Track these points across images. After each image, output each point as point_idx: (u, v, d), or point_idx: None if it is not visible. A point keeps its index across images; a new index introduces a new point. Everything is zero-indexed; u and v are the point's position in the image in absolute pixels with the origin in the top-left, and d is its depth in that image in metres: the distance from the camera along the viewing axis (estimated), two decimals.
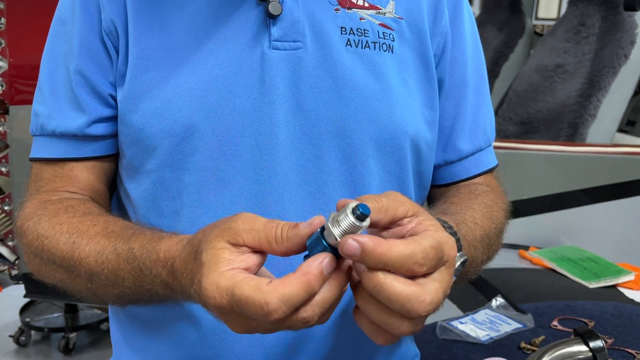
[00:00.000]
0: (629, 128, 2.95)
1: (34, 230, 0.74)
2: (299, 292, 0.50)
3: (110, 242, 0.68)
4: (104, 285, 0.68)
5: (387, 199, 0.55)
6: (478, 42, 0.88)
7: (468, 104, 0.84)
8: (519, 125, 2.44)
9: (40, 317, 2.64)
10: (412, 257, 0.51)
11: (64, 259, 0.70)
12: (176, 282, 0.60)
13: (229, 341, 0.75)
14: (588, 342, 0.95)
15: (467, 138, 0.84)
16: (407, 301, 0.50)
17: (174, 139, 0.72)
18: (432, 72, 0.79)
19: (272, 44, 0.73)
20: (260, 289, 0.50)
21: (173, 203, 0.75)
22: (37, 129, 0.80)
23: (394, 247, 0.50)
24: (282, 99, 0.73)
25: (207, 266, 0.54)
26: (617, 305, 1.31)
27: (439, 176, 0.86)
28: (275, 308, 0.49)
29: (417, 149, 0.78)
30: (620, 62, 2.17)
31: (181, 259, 0.59)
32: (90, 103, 0.76)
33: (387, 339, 0.54)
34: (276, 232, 0.53)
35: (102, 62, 0.76)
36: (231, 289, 0.51)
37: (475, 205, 0.78)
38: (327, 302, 0.52)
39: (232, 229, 0.54)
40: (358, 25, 0.75)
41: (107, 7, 0.74)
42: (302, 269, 0.51)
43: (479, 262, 0.75)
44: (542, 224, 1.94)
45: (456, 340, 1.13)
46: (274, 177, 0.73)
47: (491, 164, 0.88)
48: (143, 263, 0.63)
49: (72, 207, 0.74)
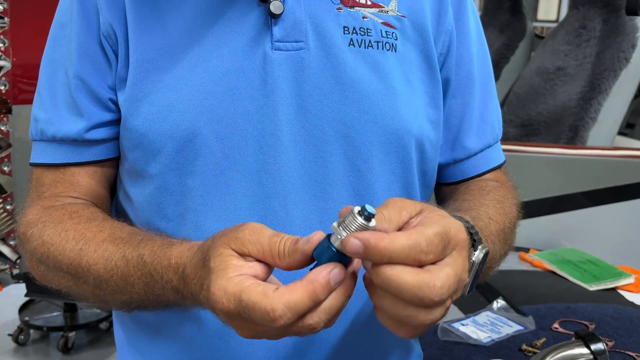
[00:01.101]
0: (629, 131, 2.96)
1: (39, 237, 0.73)
2: (304, 300, 0.50)
3: (118, 248, 0.68)
4: (113, 291, 0.68)
5: (388, 209, 0.55)
6: (483, 38, 0.87)
7: (475, 102, 0.84)
8: (519, 128, 2.44)
9: (39, 316, 2.64)
10: (416, 247, 0.50)
11: (71, 266, 0.70)
12: (187, 288, 0.61)
13: (234, 344, 0.75)
14: (589, 345, 0.95)
15: (475, 135, 0.84)
16: (417, 289, 0.50)
17: (176, 143, 0.72)
18: (436, 70, 0.79)
19: (275, 45, 0.72)
20: (267, 295, 0.51)
21: (177, 207, 0.75)
22: (37, 134, 0.79)
23: (396, 239, 0.50)
24: (285, 100, 0.72)
25: (215, 272, 0.54)
26: (617, 307, 1.32)
27: (448, 174, 0.86)
28: (281, 314, 0.50)
29: (421, 149, 0.78)
30: (621, 65, 2.18)
31: (192, 265, 0.59)
32: (90, 108, 0.76)
33: (408, 332, 0.54)
34: (279, 247, 0.54)
35: (101, 66, 0.75)
36: (238, 294, 0.52)
37: (487, 201, 0.78)
38: (333, 309, 0.53)
39: (238, 239, 0.55)
40: (361, 24, 0.75)
41: (106, 11, 0.74)
42: (310, 277, 0.51)
43: (497, 256, 0.75)
44: (542, 227, 1.95)
45: (457, 342, 1.13)
46: (277, 179, 0.73)
47: (500, 160, 0.88)
48: (154, 269, 0.64)
49: (76, 212, 0.74)
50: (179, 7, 0.73)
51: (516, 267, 1.63)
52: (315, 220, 0.74)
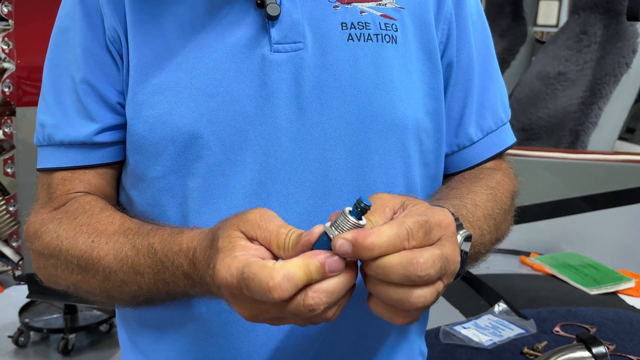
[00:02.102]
0: (629, 135, 2.97)
1: (55, 231, 0.74)
2: (301, 271, 0.52)
3: (128, 239, 0.70)
4: (121, 283, 0.69)
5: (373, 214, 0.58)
6: (484, 21, 0.87)
7: (474, 87, 0.83)
8: (520, 132, 2.45)
9: (40, 318, 2.64)
10: (399, 236, 0.53)
11: (82, 259, 0.71)
12: (196, 272, 0.62)
13: (237, 344, 0.76)
14: (591, 348, 0.95)
15: (475, 122, 0.84)
16: (402, 267, 0.53)
17: (177, 146, 0.72)
18: (436, 60, 0.79)
19: (273, 47, 0.72)
20: (266, 266, 0.53)
21: (179, 208, 0.75)
22: (44, 139, 0.79)
23: (380, 232, 0.53)
24: (285, 101, 0.73)
25: (222, 251, 0.57)
26: (618, 311, 1.32)
27: (453, 163, 0.86)
28: (279, 283, 0.51)
29: (419, 141, 0.78)
30: (621, 70, 2.19)
31: (202, 247, 0.62)
32: (100, 111, 0.76)
33: (404, 318, 0.56)
34: (285, 239, 0.56)
35: (108, 70, 0.76)
36: (241, 268, 0.54)
37: (477, 188, 0.79)
38: (334, 294, 0.54)
39: (248, 222, 0.58)
40: (359, 19, 0.75)
41: (109, 15, 0.74)
42: (308, 253, 0.54)
43: (487, 242, 0.76)
44: (542, 231, 1.95)
45: (459, 345, 1.14)
46: (278, 179, 0.73)
47: (505, 144, 0.87)
48: (165, 255, 0.65)
49: (88, 203, 0.76)
50: (177, 12, 0.74)
51: (517, 270, 1.64)
52: (316, 219, 0.74)
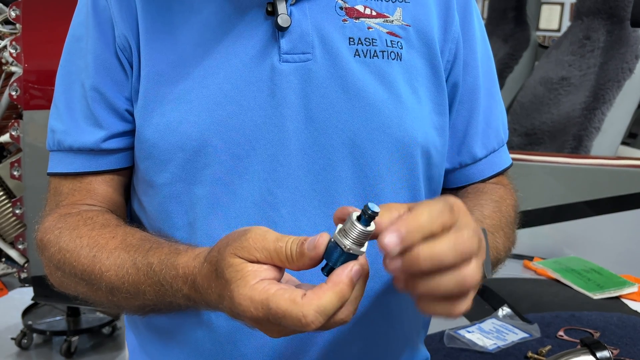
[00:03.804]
0: (631, 140, 2.97)
1: (56, 243, 0.75)
2: (333, 302, 0.53)
3: (129, 255, 0.70)
4: (126, 297, 0.70)
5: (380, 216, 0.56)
6: (487, 43, 0.88)
7: (480, 107, 0.85)
8: (523, 137, 2.45)
9: (43, 320, 2.64)
10: (433, 211, 0.53)
11: (85, 273, 0.72)
12: (200, 296, 0.62)
13: (244, 350, 0.76)
14: (595, 353, 0.96)
15: (480, 141, 0.86)
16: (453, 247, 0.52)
17: (186, 153, 0.73)
18: (441, 77, 0.80)
19: (282, 57, 0.73)
20: (296, 303, 0.52)
21: (186, 216, 0.76)
22: (55, 145, 0.81)
23: (417, 213, 0.53)
24: (293, 110, 0.74)
25: (234, 282, 0.56)
26: (622, 316, 1.33)
27: (454, 179, 0.88)
28: (313, 320, 0.52)
29: (427, 155, 0.79)
30: (625, 75, 2.19)
31: (202, 276, 0.61)
32: (107, 119, 0.77)
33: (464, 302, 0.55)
34: (286, 252, 0.56)
35: (117, 78, 0.77)
36: (266, 302, 0.53)
37: (483, 201, 0.80)
38: (358, 299, 0.56)
39: (244, 248, 0.57)
40: (366, 34, 0.76)
41: (120, 23, 0.75)
42: (334, 280, 0.53)
43: (501, 248, 0.77)
44: (546, 235, 1.95)
45: (464, 349, 1.14)
46: (285, 187, 0.74)
47: (505, 164, 0.89)
48: (163, 278, 0.65)
49: (90, 219, 0.76)
50: (189, 21, 0.75)
51: (520, 275, 1.64)
52: (322, 227, 0.75)
